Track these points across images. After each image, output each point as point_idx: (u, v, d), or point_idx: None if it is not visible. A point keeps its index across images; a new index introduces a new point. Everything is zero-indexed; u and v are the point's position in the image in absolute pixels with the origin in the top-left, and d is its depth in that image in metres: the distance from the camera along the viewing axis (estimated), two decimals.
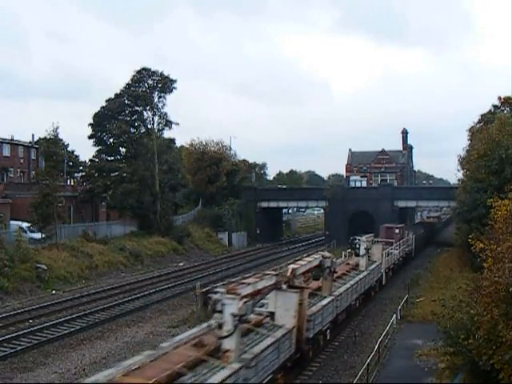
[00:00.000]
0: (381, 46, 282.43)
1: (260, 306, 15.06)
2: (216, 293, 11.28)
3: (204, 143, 66.60)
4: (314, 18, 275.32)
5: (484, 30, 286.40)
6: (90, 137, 51.48)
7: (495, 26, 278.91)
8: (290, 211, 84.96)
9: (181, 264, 46.22)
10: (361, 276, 26.38)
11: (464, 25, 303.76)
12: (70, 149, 70.37)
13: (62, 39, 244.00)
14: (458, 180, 42.92)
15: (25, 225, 39.15)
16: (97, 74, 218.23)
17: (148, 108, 52.92)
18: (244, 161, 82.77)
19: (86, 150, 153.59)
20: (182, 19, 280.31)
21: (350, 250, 30.94)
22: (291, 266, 15.78)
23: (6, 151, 62.85)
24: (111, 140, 52.24)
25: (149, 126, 53.42)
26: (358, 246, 28.26)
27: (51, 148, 39.27)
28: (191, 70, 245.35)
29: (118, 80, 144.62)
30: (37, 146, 61.76)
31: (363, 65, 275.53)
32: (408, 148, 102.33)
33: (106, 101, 51.99)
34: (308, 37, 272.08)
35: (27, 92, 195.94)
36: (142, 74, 52.95)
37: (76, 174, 71.36)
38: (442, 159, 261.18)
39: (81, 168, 69.85)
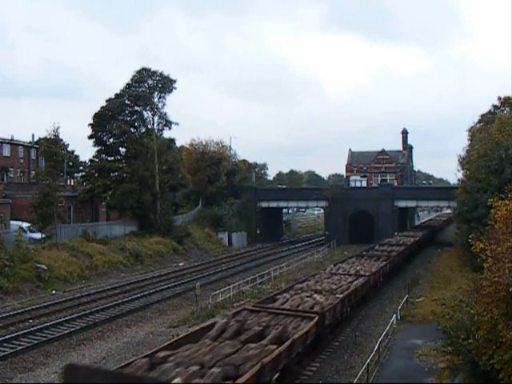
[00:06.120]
0: (373, 44, 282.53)
1: None
2: None
3: (204, 143, 66.66)
4: (302, 16, 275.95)
5: (474, 26, 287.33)
6: (90, 137, 51.45)
7: (486, 23, 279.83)
8: (290, 211, 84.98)
9: (181, 264, 46.21)
10: None
11: (454, 22, 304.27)
12: (69, 149, 70.43)
13: (48, 38, 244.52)
14: (458, 180, 42.90)
15: (25, 225, 39.15)
16: (86, 73, 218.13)
17: (148, 108, 52.94)
18: (244, 161, 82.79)
19: (82, 150, 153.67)
20: (170, 18, 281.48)
21: None
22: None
23: (6, 151, 62.92)
24: (111, 140, 52.21)
25: (149, 126, 53.44)
26: None
27: (51, 148, 39.26)
28: (185, 70, 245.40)
29: (109, 79, 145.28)
30: (37, 146, 61.74)
31: (359, 63, 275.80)
32: (408, 148, 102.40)
33: (106, 101, 51.98)
34: (302, 36, 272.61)
35: (18, 92, 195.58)
36: (142, 74, 52.96)
37: (76, 174, 71.36)
38: (442, 159, 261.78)
39: (81, 168, 69.88)
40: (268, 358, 12.19)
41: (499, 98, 49.94)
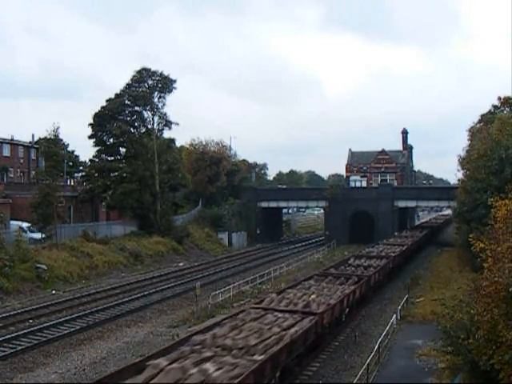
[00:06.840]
0: (372, 44, 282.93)
1: None
2: None
3: (204, 143, 66.71)
4: (302, 16, 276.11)
5: (475, 27, 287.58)
6: (90, 137, 51.48)
7: (486, 23, 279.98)
8: (290, 211, 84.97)
9: (181, 264, 46.21)
10: None
11: (454, 22, 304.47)
12: (69, 149, 70.46)
13: (48, 39, 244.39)
14: (458, 180, 42.89)
15: (25, 225, 39.16)
16: (86, 73, 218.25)
17: (148, 108, 52.95)
18: (244, 161, 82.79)
19: (82, 150, 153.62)
20: (168, 19, 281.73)
21: None
22: None
23: (6, 151, 62.96)
24: (111, 140, 52.24)
25: (149, 126, 53.46)
26: None
27: (51, 148, 39.27)
28: (184, 70, 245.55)
29: (109, 79, 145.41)
30: (37, 146, 61.79)
31: (359, 63, 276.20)
32: (408, 148, 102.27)
33: (106, 101, 51.99)
34: (301, 36, 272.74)
35: (17, 92, 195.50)
36: (142, 74, 52.97)
37: (76, 174, 71.39)
38: (442, 159, 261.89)
39: (81, 168, 69.91)
40: None
41: (499, 98, 49.97)
